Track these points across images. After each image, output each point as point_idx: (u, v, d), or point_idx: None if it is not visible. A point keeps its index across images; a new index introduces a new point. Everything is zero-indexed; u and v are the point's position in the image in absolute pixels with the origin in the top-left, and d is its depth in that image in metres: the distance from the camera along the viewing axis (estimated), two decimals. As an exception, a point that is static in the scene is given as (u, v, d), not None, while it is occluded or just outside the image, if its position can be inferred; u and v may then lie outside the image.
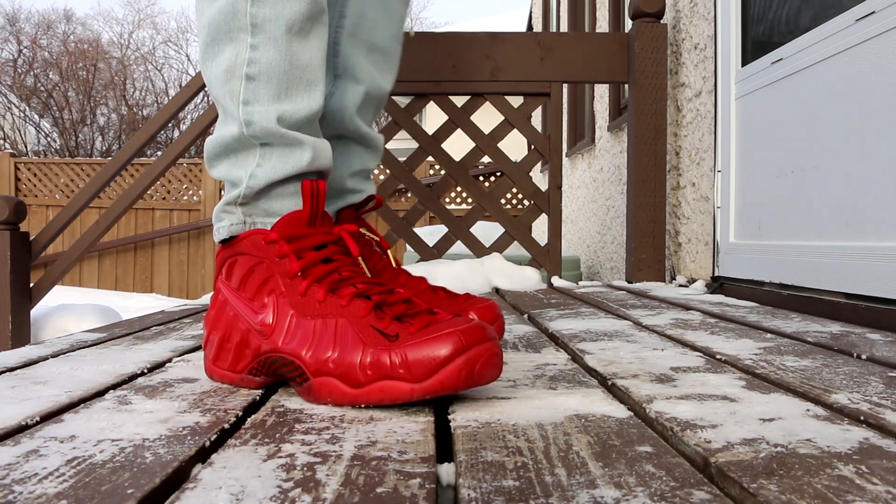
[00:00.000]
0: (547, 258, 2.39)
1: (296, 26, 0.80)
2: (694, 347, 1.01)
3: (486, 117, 2.47)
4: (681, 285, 2.17)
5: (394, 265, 1.00)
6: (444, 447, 0.57)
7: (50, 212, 6.92)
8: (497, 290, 2.02)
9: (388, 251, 1.00)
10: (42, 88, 14.17)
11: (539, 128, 6.11)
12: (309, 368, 0.69)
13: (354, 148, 1.05)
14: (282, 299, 0.74)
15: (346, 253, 0.78)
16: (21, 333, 2.35)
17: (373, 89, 1.04)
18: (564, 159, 5.03)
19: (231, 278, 0.79)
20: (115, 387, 0.77)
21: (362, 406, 0.66)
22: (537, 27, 7.09)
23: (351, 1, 1.02)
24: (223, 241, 0.82)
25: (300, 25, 0.80)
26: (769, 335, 1.11)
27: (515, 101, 2.46)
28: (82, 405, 0.68)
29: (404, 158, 2.50)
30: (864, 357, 0.91)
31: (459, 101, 2.43)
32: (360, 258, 0.78)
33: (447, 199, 6.68)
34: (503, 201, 6.33)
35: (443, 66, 2.37)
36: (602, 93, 3.86)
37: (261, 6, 0.79)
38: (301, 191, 0.79)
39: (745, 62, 1.92)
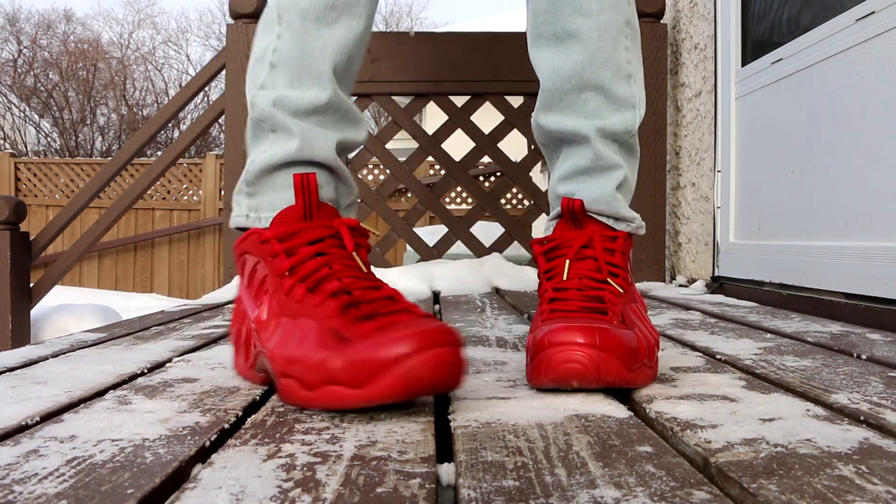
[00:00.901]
0: (547, 258, 2.38)
1: (311, 14, 0.80)
2: (694, 347, 1.01)
3: (486, 117, 2.47)
4: (681, 285, 2.17)
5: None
6: (444, 447, 0.57)
7: (50, 212, 6.91)
8: (497, 290, 2.02)
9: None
10: (42, 88, 14.17)
11: (539, 128, 6.10)
12: (276, 369, 0.68)
13: (564, 149, 0.94)
14: (272, 298, 0.74)
15: (342, 247, 0.76)
16: (21, 333, 2.35)
17: (549, 81, 0.91)
18: (564, 159, 5.01)
19: (243, 275, 0.81)
20: (115, 387, 0.77)
21: (361, 406, 0.66)
22: (537, 27, 7.08)
23: (528, 4, 0.94)
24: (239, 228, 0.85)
25: (317, 13, 0.80)
26: (769, 335, 1.11)
27: (515, 101, 2.46)
28: (82, 405, 0.68)
29: (404, 158, 2.50)
30: (864, 357, 0.91)
31: (459, 101, 2.43)
32: (354, 252, 0.75)
33: (447, 199, 6.68)
34: (503, 201, 6.32)
35: (443, 66, 2.37)
36: (602, 93, 3.86)
37: None
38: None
39: (745, 62, 1.92)
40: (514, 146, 2.72)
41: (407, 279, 2.03)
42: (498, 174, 6.30)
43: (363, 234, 0.78)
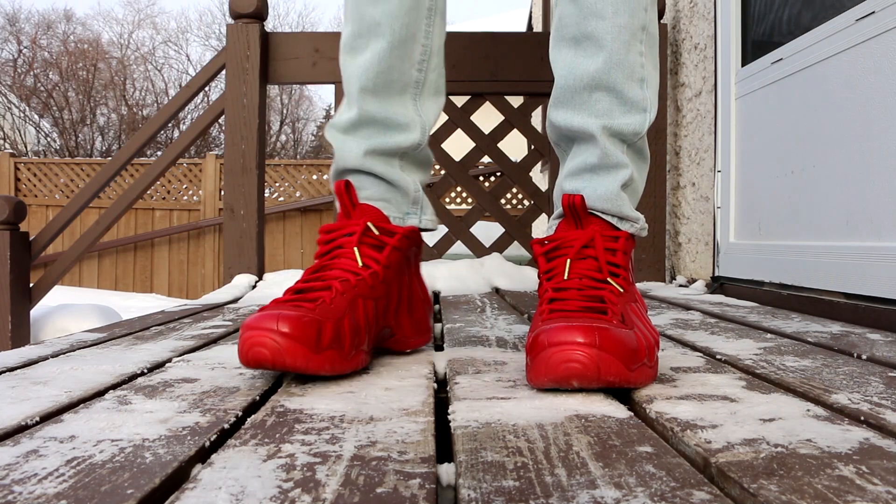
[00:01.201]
0: (547, 258, 2.38)
1: (347, 47, 0.96)
2: (694, 347, 1.01)
3: (486, 117, 2.47)
4: (681, 285, 2.17)
5: None
6: (444, 447, 0.57)
7: (50, 212, 6.92)
8: (497, 290, 2.02)
9: None
10: (42, 88, 14.17)
11: (539, 128, 6.10)
12: None
13: (574, 148, 0.95)
14: None
15: (359, 242, 0.89)
16: (21, 333, 2.35)
17: (563, 79, 0.93)
18: (564, 159, 5.01)
19: None
20: (115, 387, 0.77)
21: (361, 405, 0.67)
22: (537, 27, 7.09)
23: (557, 6, 0.96)
24: None
25: (351, 45, 0.95)
26: (769, 335, 1.11)
27: (515, 101, 2.46)
28: (82, 405, 0.68)
29: (404, 158, 2.49)
30: (864, 357, 0.91)
31: (459, 101, 2.43)
32: (355, 248, 0.87)
33: (447, 199, 6.68)
34: (503, 201, 6.33)
35: (443, 66, 2.37)
36: (602, 93, 3.85)
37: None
38: None
39: (745, 62, 1.92)
40: (514, 146, 2.72)
41: (407, 279, 2.02)
42: (498, 174, 6.30)
43: (387, 232, 0.90)
